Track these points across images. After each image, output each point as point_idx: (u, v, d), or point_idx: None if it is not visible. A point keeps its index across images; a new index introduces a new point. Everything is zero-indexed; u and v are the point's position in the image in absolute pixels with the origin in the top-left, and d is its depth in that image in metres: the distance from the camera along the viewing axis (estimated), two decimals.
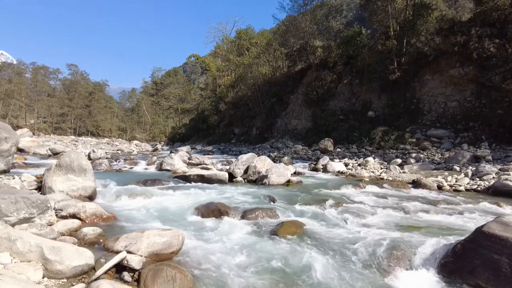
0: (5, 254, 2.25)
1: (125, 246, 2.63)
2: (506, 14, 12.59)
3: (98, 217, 3.74)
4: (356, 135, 14.93)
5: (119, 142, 34.71)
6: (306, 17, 21.12)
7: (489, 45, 12.38)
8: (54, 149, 13.17)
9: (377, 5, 17.39)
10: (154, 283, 2.20)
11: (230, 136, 25.93)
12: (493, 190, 6.48)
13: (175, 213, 4.35)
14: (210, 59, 37.05)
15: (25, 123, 45.18)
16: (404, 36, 15.64)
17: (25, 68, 51.20)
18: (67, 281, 2.26)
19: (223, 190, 6.07)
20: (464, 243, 2.74)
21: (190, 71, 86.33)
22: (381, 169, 9.63)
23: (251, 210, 4.30)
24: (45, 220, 3.28)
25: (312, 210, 4.64)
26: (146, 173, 8.42)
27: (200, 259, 2.78)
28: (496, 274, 2.39)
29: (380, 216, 4.47)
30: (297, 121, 20.56)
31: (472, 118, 12.51)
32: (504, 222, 2.68)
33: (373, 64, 16.21)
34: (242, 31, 30.53)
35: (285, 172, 7.44)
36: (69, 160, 4.70)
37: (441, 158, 10.22)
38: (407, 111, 14.66)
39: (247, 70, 25.65)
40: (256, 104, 24.55)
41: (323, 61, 20.62)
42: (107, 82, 63.75)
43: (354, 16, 38.56)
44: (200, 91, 44.71)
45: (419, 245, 3.01)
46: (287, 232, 3.54)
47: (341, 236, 3.48)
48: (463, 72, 13.15)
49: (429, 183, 7.12)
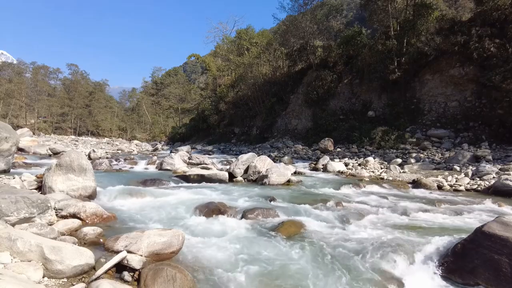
0: (5, 253, 2.26)
1: (125, 246, 2.63)
2: (506, 14, 12.57)
3: (98, 217, 3.74)
4: (356, 135, 14.92)
5: (119, 141, 34.70)
6: (306, 16, 21.09)
7: (489, 45, 12.37)
8: (54, 149, 13.17)
9: (377, 5, 17.37)
10: (154, 283, 2.20)
11: (230, 136, 25.92)
12: (493, 190, 6.48)
13: (175, 213, 4.35)
14: (210, 58, 37.02)
15: (25, 123, 45.23)
16: (405, 36, 15.62)
17: (25, 68, 51.34)
18: (67, 280, 2.26)
19: (223, 190, 6.06)
20: (464, 243, 2.74)
21: (190, 71, 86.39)
22: (381, 169, 9.63)
23: (251, 210, 4.30)
24: (45, 219, 3.28)
25: (312, 210, 4.64)
26: (146, 173, 8.42)
27: (200, 258, 2.78)
28: (496, 274, 2.39)
29: (380, 216, 4.47)
30: (297, 121, 20.55)
31: (472, 118, 12.50)
32: (504, 222, 2.68)
33: (373, 64, 16.19)
34: (242, 31, 30.50)
35: (285, 172, 7.45)
36: (69, 159, 4.70)
37: (441, 158, 10.22)
38: (407, 111, 14.65)
39: (247, 69, 25.62)
40: (256, 104, 24.54)
41: (323, 61, 20.59)
42: (107, 82, 63.94)
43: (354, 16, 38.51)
44: (200, 90, 44.68)
45: (419, 245, 3.02)
46: (287, 232, 3.54)
47: (341, 236, 3.48)
48: (463, 72, 13.15)
49: (429, 183, 7.12)
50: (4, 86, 44.33)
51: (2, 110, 43.53)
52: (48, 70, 53.62)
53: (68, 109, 52.00)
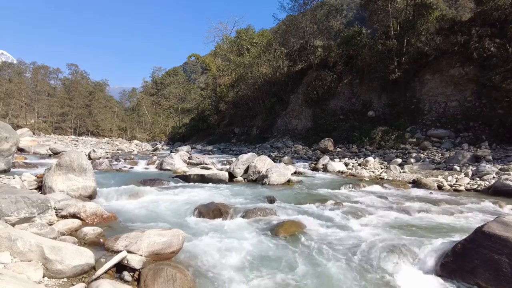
0: (5, 253, 2.26)
1: (125, 246, 2.63)
2: (506, 14, 12.57)
3: (98, 217, 3.74)
4: (356, 134, 14.92)
5: (119, 141, 34.68)
6: (306, 16, 21.08)
7: (489, 45, 12.37)
8: (54, 149, 13.16)
9: (377, 5, 17.36)
10: (154, 283, 2.20)
11: (230, 135, 25.91)
12: (493, 190, 6.47)
13: (175, 213, 4.35)
14: (210, 58, 37.01)
15: (25, 123, 45.22)
16: (405, 35, 15.61)
17: (25, 68, 51.34)
18: (68, 280, 2.27)
19: (223, 190, 6.07)
20: (464, 243, 2.74)
21: (190, 71, 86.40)
22: (381, 169, 9.63)
23: (251, 210, 4.30)
24: (45, 219, 3.28)
25: (312, 209, 4.64)
26: (146, 173, 8.42)
27: (200, 258, 2.78)
28: (496, 274, 2.39)
29: (380, 216, 4.47)
30: (297, 121, 20.54)
31: (472, 118, 12.50)
32: (505, 222, 2.68)
33: (373, 64, 16.18)
34: (242, 31, 30.49)
35: (285, 171, 7.45)
36: (69, 159, 4.70)
37: (441, 158, 10.22)
38: (407, 111, 14.64)
39: (247, 69, 25.62)
40: (256, 104, 24.54)
41: (323, 61, 20.59)
42: (107, 82, 63.88)
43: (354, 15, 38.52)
44: (200, 90, 44.69)
45: (419, 245, 3.02)
46: (287, 231, 3.54)
47: (341, 236, 3.49)
48: (464, 72, 13.14)
49: (430, 183, 7.12)
50: (4, 86, 44.34)
51: (2, 110, 43.54)
52: (48, 70, 53.63)
53: (68, 109, 51.99)
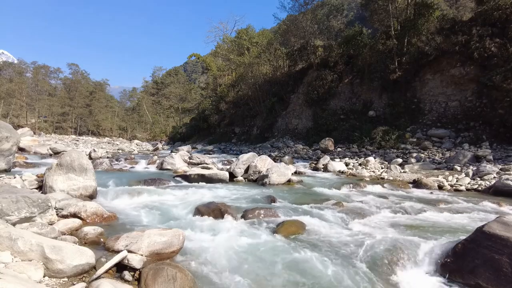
0: (6, 253, 2.26)
1: (126, 246, 2.63)
2: (507, 14, 12.55)
3: (99, 217, 3.74)
4: (356, 134, 14.91)
5: (120, 141, 34.72)
6: (307, 16, 21.08)
7: (490, 45, 12.35)
8: (55, 149, 13.17)
9: (378, 5, 17.34)
10: (155, 282, 2.20)
11: (231, 135, 25.91)
12: (494, 190, 6.47)
13: (175, 213, 4.35)
14: (210, 58, 37.00)
15: (26, 122, 45.22)
16: (405, 35, 15.60)
17: (26, 68, 51.32)
18: (68, 280, 2.27)
19: (223, 190, 6.07)
20: (465, 243, 2.74)
21: (190, 71, 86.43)
22: (382, 169, 9.62)
23: (252, 210, 4.30)
24: (46, 219, 3.29)
25: (312, 209, 4.64)
26: (146, 173, 8.43)
27: (200, 258, 2.79)
28: (496, 274, 2.39)
29: (381, 215, 4.47)
30: (297, 121, 20.54)
31: (473, 118, 12.48)
32: (505, 222, 2.68)
33: (374, 64, 16.18)
34: (242, 31, 30.49)
35: (286, 171, 7.44)
36: (70, 159, 4.71)
37: (442, 158, 10.21)
38: (408, 111, 14.63)
39: (248, 69, 25.61)
40: (256, 104, 24.53)
41: (324, 61, 20.57)
42: (107, 81, 63.75)
43: (355, 15, 38.52)
44: (200, 90, 44.73)
45: (419, 245, 3.02)
46: (288, 231, 3.54)
47: (341, 236, 3.48)
48: (464, 71, 13.12)
49: (430, 183, 7.12)
50: (5, 86, 44.40)
51: (3, 110, 43.58)
52: (49, 69, 53.55)
53: (68, 108, 52.00)
